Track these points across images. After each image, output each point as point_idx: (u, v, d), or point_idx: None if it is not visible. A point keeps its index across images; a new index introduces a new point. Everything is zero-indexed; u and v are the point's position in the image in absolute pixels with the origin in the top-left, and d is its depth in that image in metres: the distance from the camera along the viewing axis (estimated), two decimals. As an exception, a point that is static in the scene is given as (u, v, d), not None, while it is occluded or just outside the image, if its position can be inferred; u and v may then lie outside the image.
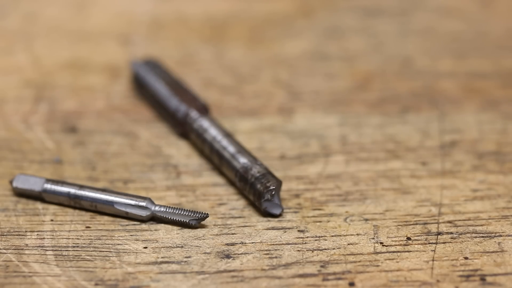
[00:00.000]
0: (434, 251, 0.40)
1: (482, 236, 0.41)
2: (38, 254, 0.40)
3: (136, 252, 0.40)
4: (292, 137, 0.49)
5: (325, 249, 0.40)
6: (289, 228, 0.42)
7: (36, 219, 0.43)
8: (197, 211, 0.42)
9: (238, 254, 0.40)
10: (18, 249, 0.40)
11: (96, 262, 0.40)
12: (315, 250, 0.40)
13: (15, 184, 0.44)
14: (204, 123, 0.47)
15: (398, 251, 0.40)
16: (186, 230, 0.42)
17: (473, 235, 0.42)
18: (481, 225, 0.42)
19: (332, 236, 0.41)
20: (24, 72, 0.57)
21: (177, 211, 0.42)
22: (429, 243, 0.41)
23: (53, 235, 0.41)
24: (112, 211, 0.43)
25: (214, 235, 0.41)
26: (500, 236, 0.41)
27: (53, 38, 0.62)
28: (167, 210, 0.42)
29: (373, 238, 0.41)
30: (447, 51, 0.59)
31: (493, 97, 0.53)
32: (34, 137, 0.49)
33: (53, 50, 0.60)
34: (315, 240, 0.41)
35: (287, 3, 0.66)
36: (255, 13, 0.65)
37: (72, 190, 0.43)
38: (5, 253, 0.40)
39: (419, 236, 0.41)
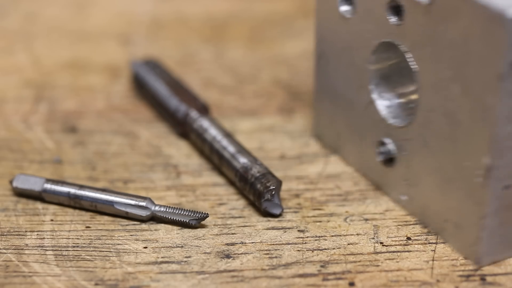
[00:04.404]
0: (434, 251, 0.40)
1: (482, 236, 0.41)
2: (38, 254, 0.40)
3: (136, 252, 0.40)
4: (292, 137, 0.49)
5: (325, 249, 0.40)
6: (289, 228, 0.42)
7: (36, 219, 0.43)
8: (197, 211, 0.42)
9: (238, 254, 0.40)
10: (18, 249, 0.40)
11: (96, 262, 0.40)
12: (315, 250, 0.40)
13: (15, 184, 0.44)
14: (204, 123, 0.47)
15: (398, 251, 0.40)
16: (186, 230, 0.42)
17: (473, 235, 0.42)
18: (481, 225, 0.42)
19: (332, 236, 0.41)
20: (24, 72, 0.57)
21: (177, 211, 0.42)
22: (429, 243, 0.41)
23: (53, 235, 0.41)
24: (112, 211, 0.43)
25: (214, 235, 0.41)
26: (500, 236, 0.41)
27: (53, 38, 0.62)
28: (167, 210, 0.42)
29: (373, 238, 0.41)
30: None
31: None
32: (34, 137, 0.49)
33: (53, 50, 0.60)
34: (315, 240, 0.41)
35: (287, 3, 0.66)
36: (255, 13, 0.65)
37: (72, 190, 0.43)
38: (5, 253, 0.40)
39: (419, 236, 0.41)
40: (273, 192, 0.42)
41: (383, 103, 0.43)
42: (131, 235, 0.41)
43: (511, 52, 0.34)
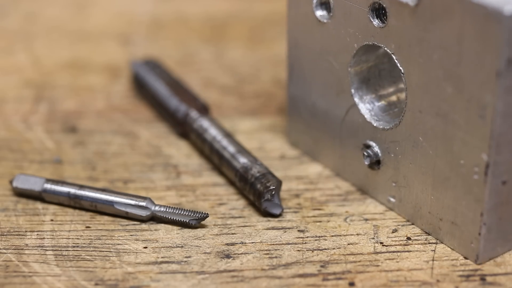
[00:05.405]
0: (434, 251, 0.40)
1: (482, 236, 0.41)
2: (38, 254, 0.40)
3: (136, 252, 0.40)
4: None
5: (325, 249, 0.40)
6: (289, 228, 0.42)
7: (36, 219, 0.43)
8: (197, 211, 0.42)
9: (238, 254, 0.40)
10: (18, 249, 0.40)
11: (96, 262, 0.40)
12: (315, 250, 0.40)
13: (15, 184, 0.44)
14: (204, 123, 0.47)
15: (398, 251, 0.40)
16: (186, 230, 0.42)
17: (473, 235, 0.42)
18: (481, 225, 0.42)
19: (332, 236, 0.41)
20: (24, 72, 0.57)
21: (177, 211, 0.42)
22: (429, 243, 0.41)
23: (53, 235, 0.41)
24: (112, 211, 0.43)
25: (214, 235, 0.41)
26: (500, 236, 0.41)
27: (53, 38, 0.62)
28: (167, 210, 0.42)
29: (373, 238, 0.41)
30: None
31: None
32: (34, 137, 0.49)
33: (53, 50, 0.60)
34: (315, 240, 0.41)
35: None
36: (255, 13, 0.65)
37: (72, 190, 0.43)
38: (5, 253, 0.40)
39: (419, 236, 0.41)
40: (273, 192, 0.42)
41: (366, 107, 0.43)
42: (131, 235, 0.41)
43: (508, 48, 0.34)
